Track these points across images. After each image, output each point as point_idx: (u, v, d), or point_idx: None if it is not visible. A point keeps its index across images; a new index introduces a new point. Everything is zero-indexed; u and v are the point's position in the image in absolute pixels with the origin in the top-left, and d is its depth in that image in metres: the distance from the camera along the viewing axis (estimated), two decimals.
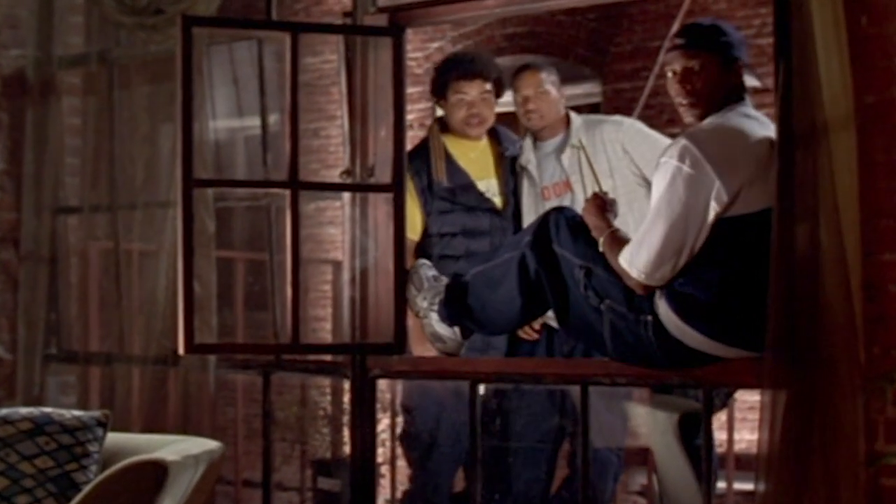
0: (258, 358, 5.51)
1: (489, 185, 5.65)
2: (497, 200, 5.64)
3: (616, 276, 4.35)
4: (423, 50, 11.16)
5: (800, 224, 3.93)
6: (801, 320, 3.91)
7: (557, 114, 5.61)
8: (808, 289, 3.91)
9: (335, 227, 10.71)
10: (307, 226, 10.76)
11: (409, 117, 5.24)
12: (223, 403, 7.32)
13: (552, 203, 5.35)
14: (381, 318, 5.15)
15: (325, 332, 10.70)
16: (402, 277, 5.07)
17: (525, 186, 5.59)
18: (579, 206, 4.92)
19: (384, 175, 5.13)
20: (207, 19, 5.23)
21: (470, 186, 5.59)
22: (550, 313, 4.75)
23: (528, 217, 5.45)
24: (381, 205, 5.18)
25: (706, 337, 4.18)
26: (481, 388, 4.88)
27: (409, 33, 5.25)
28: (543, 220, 4.66)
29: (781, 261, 3.94)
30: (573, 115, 5.64)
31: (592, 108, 10.11)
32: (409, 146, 5.34)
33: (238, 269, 7.99)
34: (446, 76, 5.63)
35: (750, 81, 4.44)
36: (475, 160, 5.65)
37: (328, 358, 5.67)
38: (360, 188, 5.21)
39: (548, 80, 5.58)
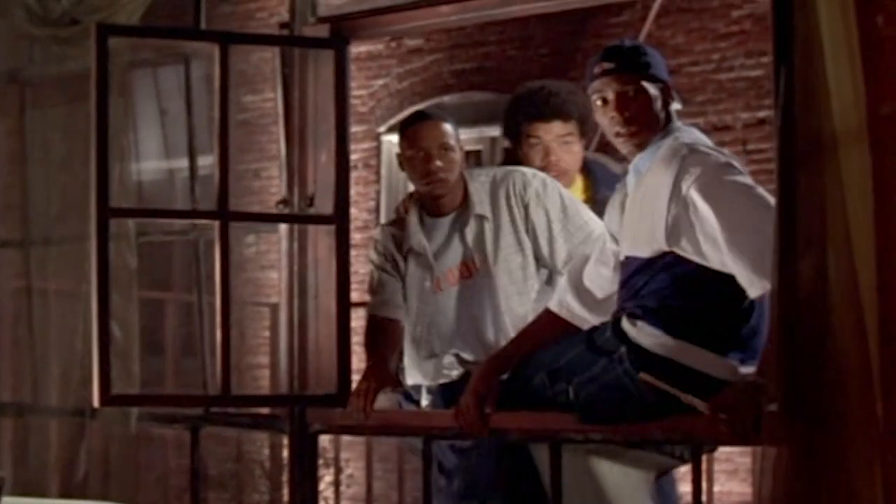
0: (186, 410, 5.17)
1: None
2: None
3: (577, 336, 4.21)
4: (368, 88, 11.14)
5: (804, 256, 3.48)
6: (808, 368, 3.46)
7: (459, 177, 4.77)
8: (815, 331, 3.46)
9: (277, 271, 10.42)
10: (248, 269, 10.67)
11: (353, 157, 4.88)
12: (157, 457, 7.19)
13: (448, 295, 4.73)
14: (323, 365, 4.85)
15: (266, 381, 10.46)
16: (346, 320, 4.79)
17: (414, 277, 4.80)
18: (489, 290, 4.63)
19: (325, 205, 4.83)
20: (125, 28, 4.91)
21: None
22: None
23: (416, 317, 4.77)
24: (321, 238, 4.87)
25: (704, 349, 3.96)
26: None
27: (353, 70, 4.84)
28: None
29: (783, 300, 3.49)
30: (466, 173, 4.81)
31: None
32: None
33: (168, 312, 7.65)
34: (517, 116, 4.89)
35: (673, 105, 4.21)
36: None
37: (265, 410, 5.37)
38: (299, 219, 4.89)
39: (452, 134, 4.73)
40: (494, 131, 10.33)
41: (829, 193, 3.45)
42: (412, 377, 4.83)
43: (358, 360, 4.80)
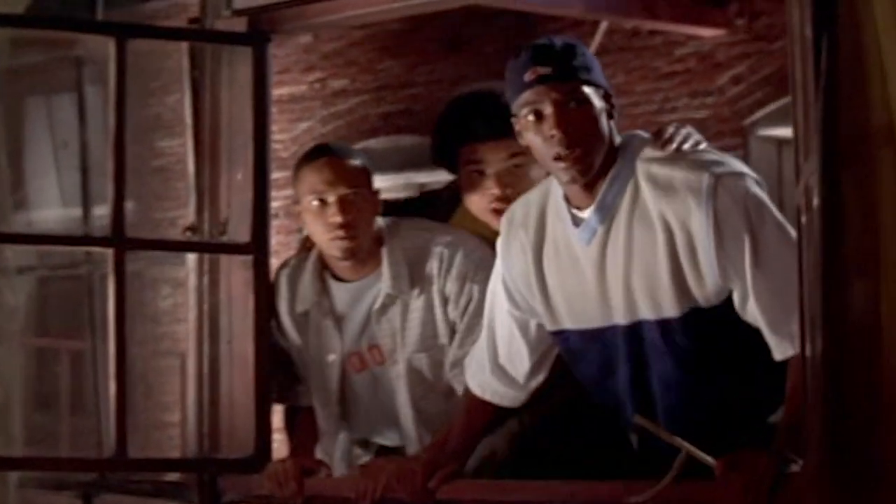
0: (79, 475, 4.65)
1: None
2: None
3: None
4: (290, 131, 11.04)
5: (852, 281, 2.95)
6: (855, 418, 2.95)
7: (372, 233, 3.90)
8: (864, 373, 2.95)
9: None
10: (163, 322, 10.47)
11: (274, 205, 4.53)
12: None
13: (361, 379, 4.00)
14: (238, 423, 4.37)
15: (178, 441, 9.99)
16: (265, 369, 4.22)
17: (315, 352, 4.05)
18: (399, 377, 3.90)
19: (240, 232, 4.31)
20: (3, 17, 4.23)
21: None
22: None
23: (319, 396, 4.10)
24: (236, 272, 4.35)
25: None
26: None
27: (274, 112, 4.55)
28: None
29: (827, 335, 2.94)
30: (386, 228, 3.94)
31: None
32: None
33: (63, 362, 7.08)
34: (450, 134, 3.87)
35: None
36: None
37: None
38: (209, 248, 4.38)
39: (361, 175, 3.89)
40: (423, 177, 10.21)
41: (883, 198, 2.91)
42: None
43: (279, 420, 4.33)
